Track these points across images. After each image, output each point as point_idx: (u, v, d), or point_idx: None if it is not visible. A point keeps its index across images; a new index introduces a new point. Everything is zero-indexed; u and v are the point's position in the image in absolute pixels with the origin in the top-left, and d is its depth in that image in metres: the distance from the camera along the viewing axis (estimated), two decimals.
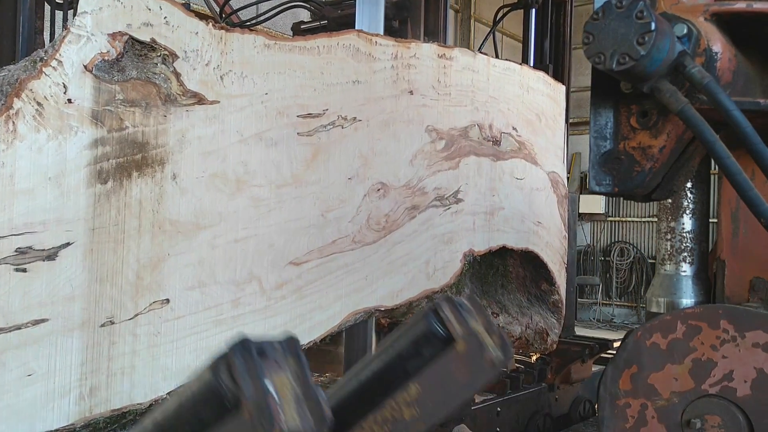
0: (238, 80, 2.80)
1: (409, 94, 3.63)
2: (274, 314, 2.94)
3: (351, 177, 3.31)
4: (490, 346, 1.43)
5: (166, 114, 2.55)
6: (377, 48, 3.43)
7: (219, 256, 2.75)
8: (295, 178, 3.03)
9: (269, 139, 2.92)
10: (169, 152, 2.57)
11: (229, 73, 2.77)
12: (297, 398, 1.20)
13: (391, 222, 3.56)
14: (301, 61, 3.05)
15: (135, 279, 2.48)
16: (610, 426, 2.12)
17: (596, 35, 1.93)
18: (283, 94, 2.97)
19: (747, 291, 2.38)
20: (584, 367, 5.81)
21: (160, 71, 2.54)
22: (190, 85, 2.63)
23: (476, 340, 1.43)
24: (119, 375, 2.46)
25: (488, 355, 1.42)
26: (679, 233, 2.65)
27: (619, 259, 17.45)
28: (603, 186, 2.26)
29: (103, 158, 2.38)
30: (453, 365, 1.43)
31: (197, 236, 2.66)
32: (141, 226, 2.49)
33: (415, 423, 1.42)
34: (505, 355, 1.45)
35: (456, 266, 4.00)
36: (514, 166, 4.42)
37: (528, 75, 4.51)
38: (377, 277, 3.49)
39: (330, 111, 3.18)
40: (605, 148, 2.23)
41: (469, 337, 1.43)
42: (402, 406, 1.42)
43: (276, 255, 2.96)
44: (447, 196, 3.92)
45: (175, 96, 2.58)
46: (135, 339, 2.50)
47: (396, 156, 3.57)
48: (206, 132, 2.69)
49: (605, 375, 2.15)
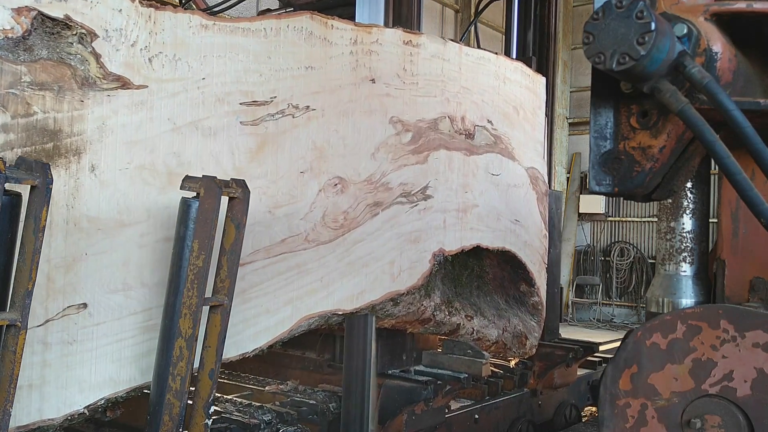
0: (170, 63, 2.56)
1: (371, 83, 3.38)
2: None
3: (304, 171, 3.07)
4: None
5: (83, 99, 2.31)
6: (334, 32, 3.18)
7: (147, 256, 2.51)
8: (238, 171, 2.79)
9: (207, 129, 2.68)
10: (86, 141, 2.33)
11: (159, 56, 2.53)
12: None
13: (351, 220, 3.31)
14: (245, 43, 2.81)
15: (45, 281, 2.24)
16: (610, 426, 2.11)
17: (596, 35, 1.94)
18: (223, 79, 2.73)
19: (747, 291, 2.39)
20: (569, 372, 5.57)
21: (77, 51, 2.30)
22: (112, 68, 2.39)
23: None
24: (26, 388, 2.22)
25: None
26: (679, 233, 2.62)
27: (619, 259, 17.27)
28: (603, 186, 2.26)
29: (6, 147, 2.14)
30: None
31: (121, 234, 2.42)
32: (53, 223, 2.25)
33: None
34: None
35: (424, 267, 3.76)
36: (490, 161, 4.17)
37: (505, 65, 4.26)
38: (334, 278, 3.25)
39: (279, 99, 2.94)
40: (605, 148, 2.24)
41: None
42: None
43: None
44: (414, 192, 3.67)
45: (95, 79, 2.34)
46: (45, 348, 2.26)
47: (356, 149, 3.32)
48: (132, 119, 2.45)
49: (605, 375, 2.14)
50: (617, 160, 2.23)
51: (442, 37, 3.86)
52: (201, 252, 2.37)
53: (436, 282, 3.97)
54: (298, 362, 4.41)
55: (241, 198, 2.50)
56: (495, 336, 4.42)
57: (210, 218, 2.37)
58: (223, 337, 2.52)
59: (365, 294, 3.41)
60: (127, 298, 2.46)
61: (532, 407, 5.36)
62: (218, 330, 2.50)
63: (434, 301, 3.94)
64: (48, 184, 2.00)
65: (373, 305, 3.49)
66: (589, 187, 2.30)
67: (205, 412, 2.51)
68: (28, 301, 1.99)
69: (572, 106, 15.77)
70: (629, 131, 2.21)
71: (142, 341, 2.51)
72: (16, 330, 1.98)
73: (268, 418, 3.37)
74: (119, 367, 2.46)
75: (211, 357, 2.51)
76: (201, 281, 2.38)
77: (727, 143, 1.95)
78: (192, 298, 2.37)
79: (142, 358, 2.51)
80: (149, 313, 2.52)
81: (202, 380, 2.51)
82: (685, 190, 2.62)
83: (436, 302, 3.96)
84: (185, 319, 2.37)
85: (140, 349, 2.51)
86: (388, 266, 3.54)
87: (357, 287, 3.36)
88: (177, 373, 2.38)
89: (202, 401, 2.51)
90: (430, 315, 3.93)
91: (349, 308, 3.33)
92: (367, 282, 3.42)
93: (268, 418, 3.37)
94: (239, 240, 2.52)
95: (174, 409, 2.38)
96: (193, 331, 2.39)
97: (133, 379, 2.50)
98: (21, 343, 1.99)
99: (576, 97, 15.59)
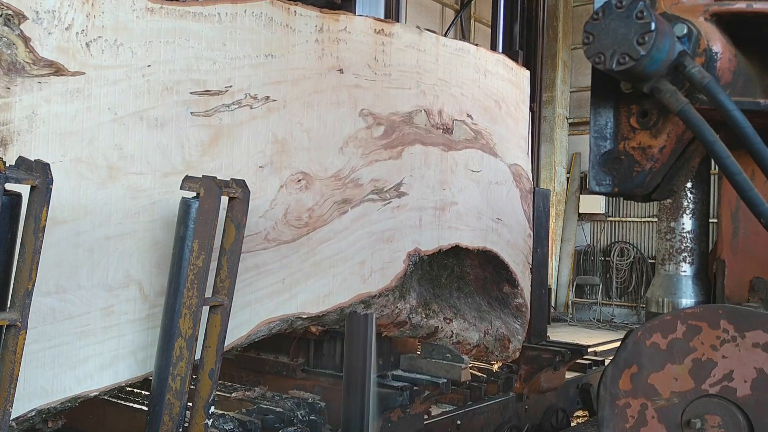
0: (110, 49, 2.38)
1: (339, 73, 3.20)
2: (158, 325, 2.52)
3: (263, 165, 2.89)
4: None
5: (10, 86, 2.14)
6: (297, 19, 3.00)
7: (84, 256, 2.33)
8: (189, 165, 2.61)
9: (153, 119, 2.50)
10: (13, 131, 2.15)
11: (98, 40, 2.35)
12: None
13: (316, 218, 3.13)
14: (197, 29, 2.63)
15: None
16: (610, 426, 2.10)
17: (596, 35, 1.94)
18: (171, 66, 2.55)
19: (747, 291, 2.38)
20: (557, 375, 5.39)
21: (2, 34, 2.12)
22: (43, 52, 2.21)
23: None
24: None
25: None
26: (679, 233, 2.58)
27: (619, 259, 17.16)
28: (603, 186, 2.26)
29: None
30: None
31: (53, 233, 2.24)
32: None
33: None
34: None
35: (398, 267, 3.58)
36: (469, 157, 3.99)
37: (486, 57, 4.08)
38: (298, 280, 3.07)
39: (235, 88, 2.76)
40: (605, 148, 2.24)
41: None
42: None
43: (162, 255, 2.54)
44: (387, 189, 3.49)
45: (23, 64, 2.17)
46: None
47: (322, 143, 3.14)
48: (67, 109, 2.27)
49: (605, 375, 2.14)
50: (617, 160, 2.22)
51: (418, 26, 3.68)
52: (201, 252, 2.39)
53: (411, 283, 3.80)
54: (272, 366, 4.24)
55: (241, 198, 2.52)
56: (476, 339, 4.24)
57: (210, 218, 2.39)
58: (223, 337, 2.53)
59: (333, 296, 3.23)
60: (60, 302, 2.28)
61: (518, 412, 5.17)
62: (218, 330, 2.52)
63: (410, 303, 3.76)
64: (48, 184, 1.98)
65: (342, 308, 3.32)
66: (589, 187, 2.30)
67: (205, 412, 2.53)
68: (28, 301, 1.99)
69: (572, 106, 15.68)
70: (629, 131, 2.20)
71: (80, 347, 2.34)
72: (16, 330, 1.98)
73: (230, 427, 3.20)
74: (54, 375, 2.28)
75: (211, 357, 2.52)
76: (201, 281, 2.39)
77: (727, 143, 1.95)
78: (192, 298, 2.39)
79: (80, 365, 2.34)
80: (86, 317, 2.34)
81: (202, 380, 2.52)
82: (685, 190, 2.59)
83: (412, 304, 3.78)
84: (185, 319, 2.38)
85: (79, 356, 2.34)
86: (358, 267, 3.36)
87: (323, 289, 3.18)
88: (177, 373, 2.39)
89: (202, 401, 2.52)
90: (405, 318, 3.75)
91: (314, 311, 3.15)
92: (334, 283, 3.24)
93: (230, 427, 3.20)
94: (239, 240, 2.54)
95: (174, 409, 2.40)
96: (193, 331, 2.39)
97: (69, 389, 2.32)
98: (21, 343, 1.98)
99: (576, 97, 15.49)
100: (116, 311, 2.42)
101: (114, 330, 2.41)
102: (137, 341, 2.49)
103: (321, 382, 4.11)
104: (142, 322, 2.50)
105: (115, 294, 2.41)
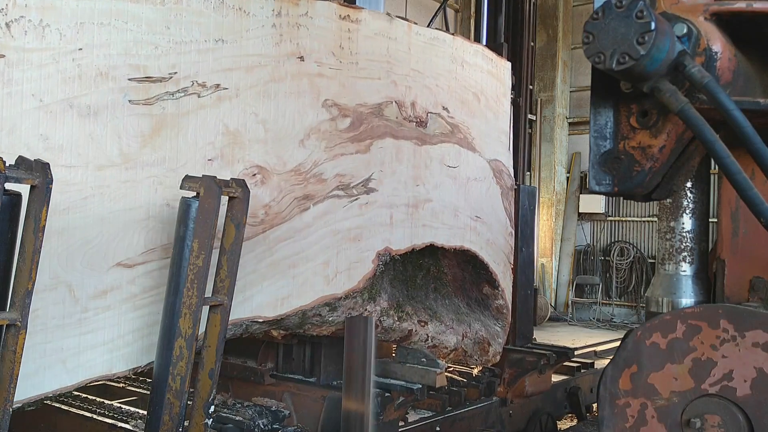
0: (34, 30, 2.19)
1: (299, 60, 3.01)
2: (92, 329, 2.34)
3: (212, 158, 2.70)
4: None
5: None
6: (251, 2, 2.81)
7: None
8: (126, 158, 2.42)
9: (85, 107, 2.31)
10: None
11: (20, 20, 2.16)
12: None
13: (274, 214, 2.94)
14: (136, 11, 2.44)
15: None
16: (610, 426, 2.12)
17: (596, 35, 1.95)
18: (106, 50, 2.36)
19: (747, 291, 2.39)
20: (542, 379, 5.19)
21: None
22: None
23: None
24: None
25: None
26: (679, 233, 2.59)
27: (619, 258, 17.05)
28: (603, 186, 2.27)
29: None
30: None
31: None
32: None
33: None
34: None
35: (366, 268, 3.38)
36: (445, 152, 3.80)
37: (463, 47, 3.88)
38: (253, 281, 2.88)
39: (180, 75, 2.57)
40: (605, 148, 2.25)
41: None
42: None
43: (95, 254, 2.35)
44: (354, 184, 3.30)
45: None
46: None
47: (280, 134, 2.95)
48: None
49: (605, 374, 2.15)
50: (617, 160, 2.23)
51: (388, 13, 3.48)
52: (201, 252, 2.38)
53: (382, 284, 3.61)
54: (239, 371, 4.04)
55: (241, 198, 2.50)
56: (454, 343, 4.05)
57: (210, 218, 2.38)
58: (223, 337, 2.53)
59: (292, 299, 3.04)
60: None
61: (501, 417, 4.98)
62: (218, 330, 2.51)
63: (380, 305, 3.57)
64: (48, 183, 1.96)
65: (304, 311, 3.13)
66: (589, 186, 2.31)
67: (205, 412, 2.53)
68: (28, 300, 1.98)
69: (572, 106, 15.61)
70: (629, 131, 2.21)
71: None
72: (16, 330, 1.96)
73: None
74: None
75: (211, 357, 2.51)
76: (201, 281, 2.39)
77: (727, 143, 1.96)
78: (192, 298, 2.38)
79: None
80: None
81: (202, 380, 2.52)
82: (685, 189, 2.59)
83: (383, 306, 3.59)
84: (185, 318, 2.38)
85: None
86: (321, 267, 3.17)
87: (282, 291, 2.99)
88: (177, 373, 2.39)
89: (202, 401, 2.52)
90: (375, 321, 3.56)
91: (271, 315, 2.96)
92: (294, 285, 3.05)
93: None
94: (239, 240, 2.53)
95: (174, 408, 2.39)
96: (193, 331, 2.39)
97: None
98: (21, 343, 1.97)
99: (576, 97, 15.40)
100: (41, 315, 2.23)
101: (38, 336, 2.22)
102: (66, 346, 2.30)
103: (290, 387, 3.92)
104: (73, 327, 2.31)
105: (40, 297, 2.21)
